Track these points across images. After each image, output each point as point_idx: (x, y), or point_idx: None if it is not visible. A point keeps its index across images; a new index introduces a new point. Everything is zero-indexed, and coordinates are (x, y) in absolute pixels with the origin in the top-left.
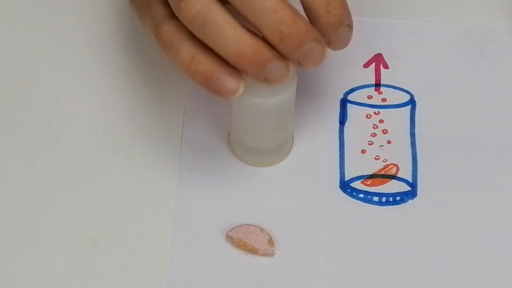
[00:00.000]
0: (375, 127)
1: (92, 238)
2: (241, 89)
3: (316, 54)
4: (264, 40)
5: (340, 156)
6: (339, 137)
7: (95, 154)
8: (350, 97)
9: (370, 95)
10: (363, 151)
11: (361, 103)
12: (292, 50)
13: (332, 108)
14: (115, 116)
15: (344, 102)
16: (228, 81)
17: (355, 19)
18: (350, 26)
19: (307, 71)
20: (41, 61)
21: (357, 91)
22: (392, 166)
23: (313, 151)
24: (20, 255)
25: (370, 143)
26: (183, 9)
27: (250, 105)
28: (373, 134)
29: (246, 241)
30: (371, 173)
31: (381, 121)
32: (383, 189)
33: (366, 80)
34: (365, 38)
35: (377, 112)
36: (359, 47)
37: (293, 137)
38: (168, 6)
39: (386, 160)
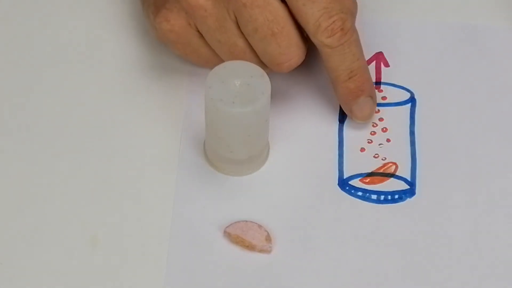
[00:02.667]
0: (375, 125)
1: (92, 236)
2: None
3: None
4: None
5: (339, 154)
6: (339, 135)
7: (94, 153)
8: None
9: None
10: (362, 149)
11: None
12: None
13: (332, 106)
14: (114, 115)
15: None
16: None
17: (357, 18)
18: (372, 97)
19: (306, 70)
20: (40, 60)
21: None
22: (391, 164)
23: (313, 149)
24: (20, 255)
25: (370, 141)
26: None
27: (223, 115)
28: (372, 132)
29: (244, 237)
30: (370, 171)
31: (380, 119)
32: (381, 187)
33: None
34: (366, 36)
35: (377, 110)
36: None
37: (268, 147)
38: None
39: (385, 158)
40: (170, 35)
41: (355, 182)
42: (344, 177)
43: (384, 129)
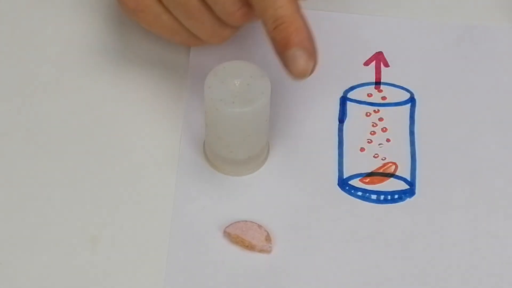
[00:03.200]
0: (375, 125)
1: (92, 236)
2: None
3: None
4: None
5: (339, 153)
6: (338, 135)
7: (94, 153)
8: (350, 95)
9: (370, 93)
10: (362, 149)
11: (360, 101)
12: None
13: (332, 106)
14: (114, 115)
15: (343, 100)
16: None
17: (357, 17)
18: (307, 50)
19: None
20: (40, 59)
21: (357, 89)
22: (391, 164)
23: (312, 149)
24: (20, 255)
25: (369, 141)
26: None
27: (223, 115)
28: (372, 132)
29: (244, 237)
30: (369, 171)
31: (380, 119)
32: (381, 187)
33: (366, 78)
34: (365, 36)
35: (376, 110)
36: (360, 45)
37: (268, 147)
38: None
39: (385, 158)
40: (130, 3)
41: (355, 182)
42: (344, 177)
43: (384, 129)
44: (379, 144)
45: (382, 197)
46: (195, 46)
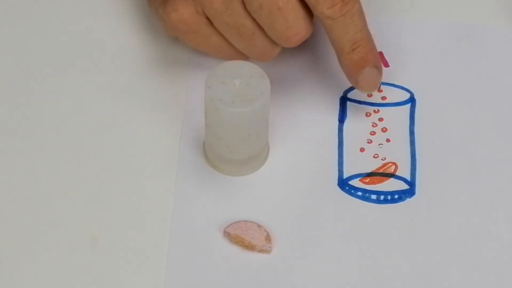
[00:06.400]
0: (375, 125)
1: (92, 236)
2: None
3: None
4: None
5: (339, 154)
6: (338, 135)
7: (94, 153)
8: (350, 95)
9: (370, 93)
10: (362, 149)
11: (360, 101)
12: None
13: (332, 106)
14: (114, 115)
15: (343, 100)
16: None
17: None
18: (377, 67)
19: (306, 70)
20: (39, 60)
21: (357, 89)
22: (390, 164)
23: (312, 149)
24: (19, 255)
25: (369, 141)
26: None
27: (223, 115)
28: (372, 132)
29: (244, 237)
30: (369, 171)
31: (380, 119)
32: (381, 187)
33: None
34: None
35: (376, 110)
36: None
37: (268, 147)
38: None
39: (385, 158)
40: (179, 25)
41: (355, 182)
42: (344, 177)
43: (384, 129)
44: (379, 144)
45: (382, 197)
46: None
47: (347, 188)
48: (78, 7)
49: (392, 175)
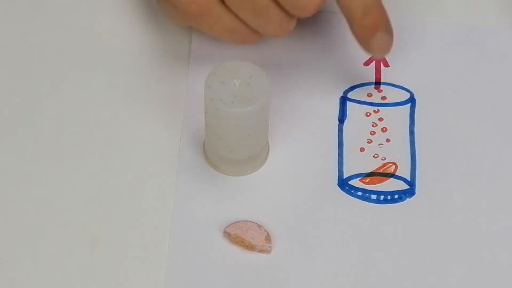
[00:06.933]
0: (375, 125)
1: (92, 236)
2: None
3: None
4: None
5: (339, 153)
6: (338, 135)
7: (94, 153)
8: (350, 95)
9: (370, 93)
10: (362, 149)
11: (360, 101)
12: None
13: (332, 106)
14: (114, 115)
15: (343, 100)
16: None
17: None
18: (388, 32)
19: (306, 70)
20: (39, 60)
21: (357, 89)
22: (390, 164)
23: (312, 149)
24: (19, 255)
25: (369, 141)
26: None
27: (223, 115)
28: (372, 132)
29: (243, 237)
30: (369, 171)
31: (380, 119)
32: (381, 187)
33: (366, 78)
34: None
35: (376, 110)
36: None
37: (268, 147)
38: None
39: (385, 158)
40: (191, 7)
41: (355, 182)
42: (344, 177)
43: (384, 129)
44: (379, 144)
45: (382, 197)
46: (252, 43)
47: (347, 188)
48: (78, 7)
49: (392, 175)
